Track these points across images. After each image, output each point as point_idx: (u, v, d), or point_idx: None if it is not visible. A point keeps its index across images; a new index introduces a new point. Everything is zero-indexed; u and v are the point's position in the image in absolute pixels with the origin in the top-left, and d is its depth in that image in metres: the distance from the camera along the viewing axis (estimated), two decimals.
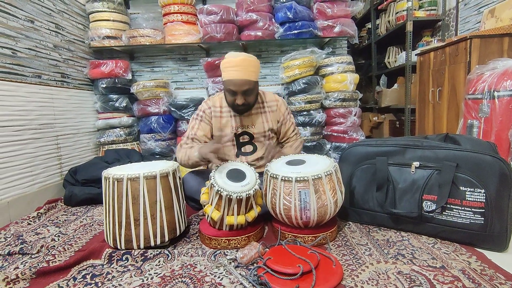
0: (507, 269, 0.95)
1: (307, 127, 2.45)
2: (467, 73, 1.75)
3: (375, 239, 1.19)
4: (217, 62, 2.46)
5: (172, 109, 2.50)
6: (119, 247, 1.14)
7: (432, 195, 1.14)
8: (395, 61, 3.05)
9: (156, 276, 0.98)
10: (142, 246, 1.13)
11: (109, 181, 1.13)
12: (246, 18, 2.42)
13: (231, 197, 1.09)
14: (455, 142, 1.22)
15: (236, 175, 1.19)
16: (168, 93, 2.58)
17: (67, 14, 2.28)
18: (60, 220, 1.56)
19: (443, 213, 1.12)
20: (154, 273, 1.01)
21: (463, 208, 1.08)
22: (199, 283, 0.94)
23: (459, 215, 1.09)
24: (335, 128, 2.49)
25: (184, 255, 1.12)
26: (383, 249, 1.11)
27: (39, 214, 1.62)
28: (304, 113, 2.45)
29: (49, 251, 1.17)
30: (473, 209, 1.07)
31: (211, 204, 1.16)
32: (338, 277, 0.91)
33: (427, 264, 0.99)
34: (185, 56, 2.81)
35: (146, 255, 1.10)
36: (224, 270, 1.00)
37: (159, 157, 2.50)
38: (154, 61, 2.82)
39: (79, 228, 1.44)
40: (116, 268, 1.04)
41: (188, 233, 1.33)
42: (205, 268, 1.02)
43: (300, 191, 1.10)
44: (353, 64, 2.55)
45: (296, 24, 2.41)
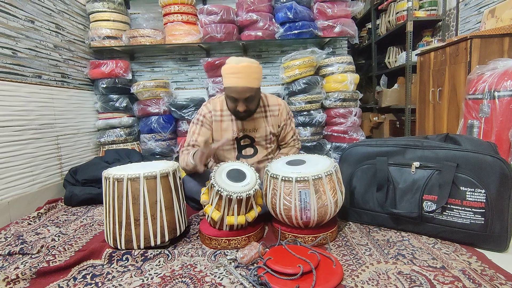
0: (507, 269, 0.94)
1: (307, 127, 2.45)
2: (467, 73, 1.75)
3: (375, 239, 1.19)
4: (217, 62, 2.46)
5: (172, 109, 2.50)
6: (119, 247, 1.14)
7: (432, 195, 1.14)
8: (396, 61, 3.05)
9: (156, 276, 0.98)
10: (142, 246, 1.13)
11: (109, 181, 1.13)
12: (247, 18, 2.42)
13: (231, 197, 1.09)
14: (455, 142, 1.22)
15: (237, 175, 1.19)
16: (168, 93, 2.58)
17: (68, 14, 2.28)
18: (60, 220, 1.56)
19: (444, 213, 1.12)
20: (154, 273, 1.01)
21: (463, 208, 1.08)
22: (199, 283, 0.94)
23: (459, 215, 1.09)
24: (335, 128, 2.49)
25: (184, 255, 1.12)
26: (383, 249, 1.11)
27: (40, 214, 1.62)
28: (304, 113, 2.45)
29: (49, 251, 1.17)
30: (473, 209, 1.07)
31: (211, 204, 1.16)
32: (338, 277, 0.91)
33: (427, 264, 0.99)
34: (185, 56, 2.81)
35: (146, 255, 1.10)
36: (224, 270, 1.00)
37: (159, 157, 2.50)
38: (154, 61, 2.82)
39: (79, 228, 1.44)
40: (116, 268, 1.05)
41: (188, 233, 1.33)
42: (205, 268, 1.02)
43: (300, 191, 1.10)
44: (353, 64, 2.55)
45: (297, 24, 2.41)
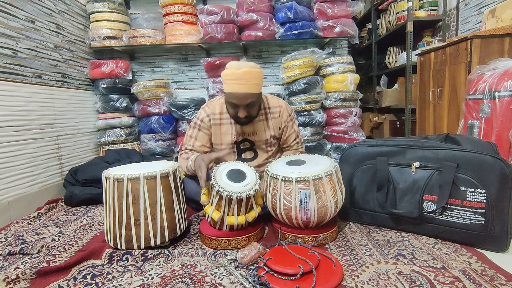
0: (507, 269, 0.94)
1: (308, 127, 2.45)
2: (467, 73, 1.75)
3: (375, 239, 1.19)
4: (217, 62, 2.46)
5: (173, 109, 2.50)
6: (119, 247, 1.14)
7: (432, 195, 1.14)
8: (396, 61, 3.05)
9: (157, 276, 0.98)
10: (142, 246, 1.13)
11: (109, 181, 1.13)
12: (247, 18, 2.42)
13: (231, 197, 1.09)
14: (455, 143, 1.22)
15: (237, 176, 1.19)
16: (168, 93, 2.58)
17: (68, 14, 2.28)
18: (60, 220, 1.56)
19: (444, 213, 1.12)
20: (155, 273, 1.01)
21: (463, 208, 1.08)
22: (199, 283, 0.94)
23: (459, 216, 1.09)
24: (335, 128, 2.49)
25: (184, 255, 1.12)
26: (383, 249, 1.11)
27: (40, 214, 1.62)
28: (304, 113, 2.45)
29: (50, 251, 1.17)
30: (473, 210, 1.07)
31: (211, 205, 1.16)
32: (339, 277, 0.91)
33: (427, 265, 0.99)
34: (185, 56, 2.81)
35: (146, 255, 1.10)
36: (225, 271, 1.00)
37: (159, 157, 2.50)
38: (154, 61, 2.82)
39: (80, 228, 1.44)
40: (117, 268, 1.05)
41: (189, 233, 1.33)
42: (205, 268, 1.02)
43: (300, 191, 1.10)
44: (353, 64, 2.55)
45: (297, 24, 2.41)
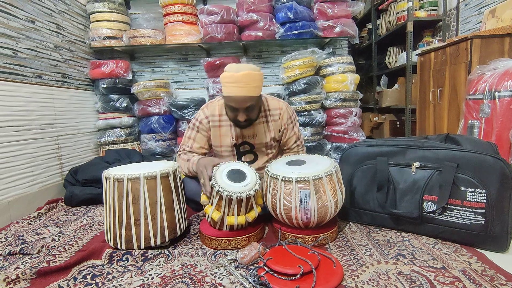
0: (508, 269, 0.94)
1: (308, 127, 2.45)
2: (467, 73, 1.75)
3: (375, 239, 1.19)
4: (217, 62, 2.46)
5: (173, 109, 2.50)
6: (119, 247, 1.14)
7: (432, 195, 1.14)
8: (396, 61, 3.04)
9: (157, 276, 0.98)
10: (142, 246, 1.13)
11: (109, 181, 1.13)
12: (247, 19, 2.42)
13: (232, 197, 1.09)
14: (455, 143, 1.22)
15: (237, 176, 1.19)
16: (168, 93, 2.58)
17: (68, 14, 2.28)
18: (60, 220, 1.56)
19: (444, 213, 1.12)
20: (155, 273, 1.01)
21: (463, 208, 1.08)
22: (199, 283, 0.94)
23: (459, 216, 1.09)
24: (335, 128, 2.49)
25: (184, 256, 1.12)
26: (383, 249, 1.11)
27: (40, 214, 1.62)
28: (304, 113, 2.45)
29: (50, 251, 1.17)
30: (473, 210, 1.07)
31: (211, 205, 1.16)
32: (339, 277, 0.91)
33: (427, 265, 0.99)
34: (185, 56, 2.81)
35: (146, 255, 1.10)
36: (225, 271, 1.00)
37: (159, 157, 2.50)
38: (154, 61, 2.83)
39: (80, 228, 1.44)
40: (117, 268, 1.05)
41: (189, 233, 1.33)
42: (205, 269, 1.02)
43: (300, 192, 1.10)
44: (353, 64, 2.55)
45: (297, 24, 2.41)
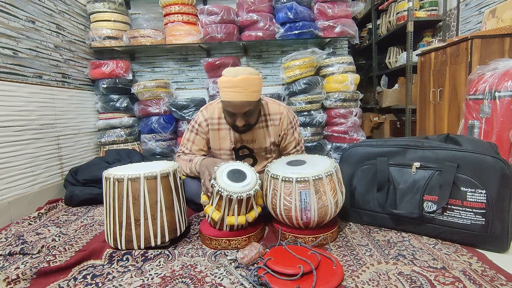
0: (508, 270, 0.94)
1: (308, 127, 2.45)
2: (468, 73, 1.75)
3: (375, 239, 1.19)
4: (217, 62, 2.46)
5: (173, 109, 2.50)
6: (119, 247, 1.14)
7: (433, 195, 1.14)
8: (396, 61, 3.04)
9: (157, 277, 0.98)
10: (142, 246, 1.14)
11: (109, 181, 1.13)
12: (247, 19, 2.42)
13: (232, 197, 1.09)
14: (456, 143, 1.22)
15: (237, 176, 1.19)
16: (168, 94, 2.58)
17: (68, 14, 2.28)
18: (60, 220, 1.56)
19: (444, 213, 1.12)
20: (155, 273, 1.01)
21: (464, 208, 1.08)
22: (199, 283, 0.94)
23: (460, 216, 1.09)
24: (335, 128, 2.49)
25: (184, 256, 1.12)
26: (383, 249, 1.11)
27: (40, 214, 1.62)
28: (304, 113, 2.45)
29: (50, 251, 1.17)
30: (474, 210, 1.06)
31: (211, 205, 1.16)
32: (339, 277, 0.91)
33: (428, 265, 0.99)
34: (185, 56, 2.81)
35: (146, 255, 1.10)
36: (225, 271, 1.00)
37: (159, 157, 2.50)
38: (154, 61, 2.82)
39: (80, 228, 1.44)
40: (117, 269, 1.05)
41: (189, 233, 1.33)
42: (205, 269, 1.02)
43: (300, 192, 1.10)
44: (353, 65, 2.55)
45: (297, 24, 2.41)
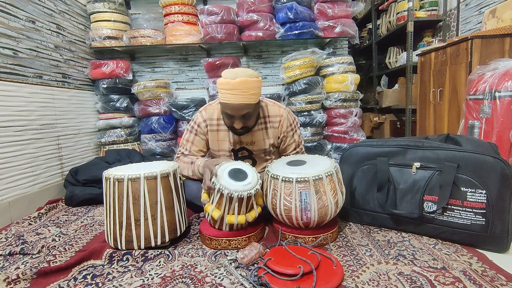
0: (508, 270, 0.94)
1: (308, 127, 2.45)
2: (468, 73, 1.75)
3: (375, 239, 1.19)
4: (217, 62, 2.46)
5: (173, 109, 2.50)
6: (119, 247, 1.14)
7: (433, 195, 1.14)
8: (396, 61, 3.04)
9: (157, 277, 0.98)
10: (142, 246, 1.14)
11: (109, 182, 1.13)
12: (247, 19, 2.42)
13: (232, 195, 1.09)
14: (456, 143, 1.22)
15: (238, 175, 1.18)
16: (168, 94, 2.58)
17: (68, 14, 2.28)
18: (61, 220, 1.56)
19: (444, 214, 1.12)
20: (155, 273, 1.01)
21: (464, 209, 1.08)
22: (199, 283, 0.94)
23: (460, 216, 1.09)
24: (335, 128, 2.49)
25: (184, 256, 1.12)
26: (384, 249, 1.11)
27: (40, 214, 1.62)
28: (304, 113, 2.45)
29: (50, 251, 1.17)
30: (474, 210, 1.06)
31: (211, 203, 1.16)
32: (339, 278, 0.91)
33: (428, 265, 0.99)
34: (185, 56, 2.81)
35: (146, 255, 1.10)
36: (225, 271, 1.00)
37: (160, 157, 2.50)
38: (155, 61, 2.83)
39: (80, 228, 1.44)
40: (117, 269, 1.05)
41: (189, 233, 1.33)
42: (205, 269, 1.02)
43: (300, 192, 1.10)
44: (354, 65, 2.55)
45: (297, 24, 2.41)
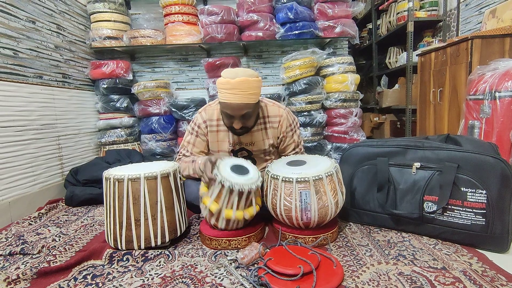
0: (508, 270, 0.94)
1: (308, 127, 2.45)
2: (468, 73, 1.74)
3: (376, 240, 1.19)
4: (218, 62, 2.46)
5: (173, 109, 2.50)
6: (119, 247, 1.14)
7: (433, 196, 1.14)
8: (396, 61, 3.04)
9: (157, 277, 0.98)
10: (142, 246, 1.14)
11: (110, 182, 1.13)
12: (247, 19, 2.42)
13: (233, 188, 1.08)
14: (456, 143, 1.22)
15: (240, 170, 1.18)
16: (169, 94, 2.58)
17: (68, 14, 2.28)
18: (61, 221, 1.57)
19: (444, 214, 1.12)
20: (155, 273, 1.01)
21: (464, 209, 1.08)
22: (199, 283, 0.94)
23: (460, 216, 1.09)
24: (336, 128, 2.49)
25: (184, 256, 1.12)
26: (384, 250, 1.11)
27: (40, 214, 1.63)
28: (305, 113, 2.45)
29: (50, 252, 1.17)
30: (474, 210, 1.06)
31: (210, 196, 1.15)
32: (339, 278, 0.91)
33: (428, 265, 0.99)
34: (186, 56, 2.81)
35: (146, 255, 1.10)
36: (225, 271, 1.00)
37: (160, 157, 2.50)
38: (155, 61, 2.83)
39: (80, 228, 1.44)
40: (117, 269, 1.05)
41: (189, 233, 1.33)
42: (205, 269, 1.02)
43: (301, 192, 1.10)
44: (354, 65, 2.55)
45: (297, 24, 2.41)
